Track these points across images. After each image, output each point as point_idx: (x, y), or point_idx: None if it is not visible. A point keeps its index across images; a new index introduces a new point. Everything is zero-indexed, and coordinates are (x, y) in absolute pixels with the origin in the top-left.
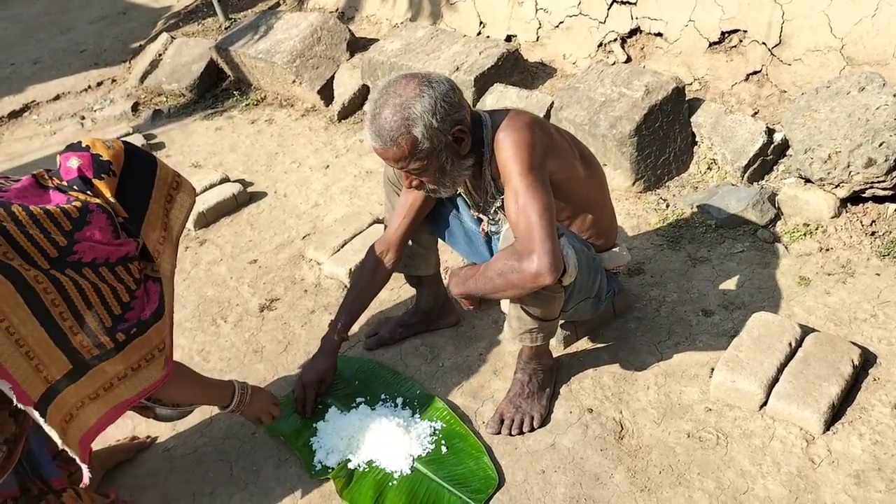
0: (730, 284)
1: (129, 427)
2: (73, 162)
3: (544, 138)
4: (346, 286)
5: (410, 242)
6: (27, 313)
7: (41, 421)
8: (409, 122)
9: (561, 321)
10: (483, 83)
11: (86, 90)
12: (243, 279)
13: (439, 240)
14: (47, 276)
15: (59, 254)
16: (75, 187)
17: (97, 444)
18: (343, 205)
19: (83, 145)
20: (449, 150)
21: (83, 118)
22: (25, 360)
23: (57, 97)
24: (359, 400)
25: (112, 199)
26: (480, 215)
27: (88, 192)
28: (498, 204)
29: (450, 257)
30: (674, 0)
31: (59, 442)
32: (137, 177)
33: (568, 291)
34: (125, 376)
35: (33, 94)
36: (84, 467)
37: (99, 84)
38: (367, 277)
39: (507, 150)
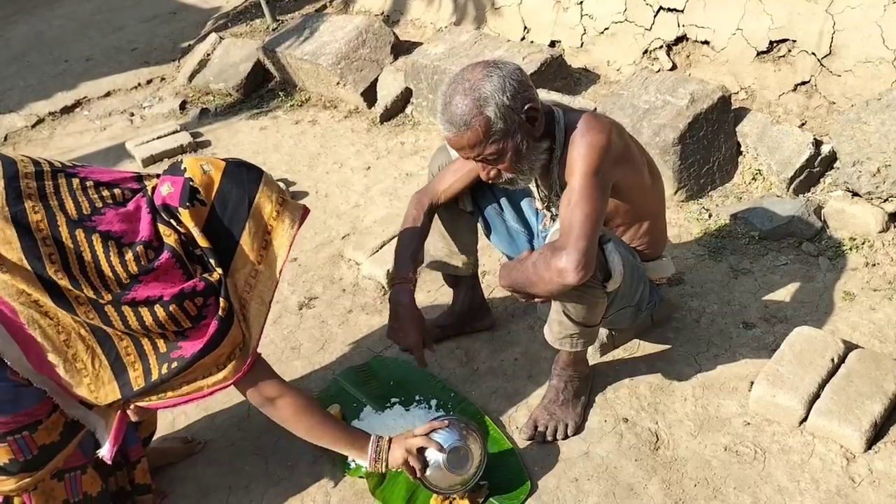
0: (772, 297)
1: (167, 420)
2: (165, 189)
3: (619, 143)
4: (383, 287)
5: (451, 242)
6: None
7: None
8: (481, 102)
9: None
10: None
11: (136, 88)
12: (283, 277)
13: (481, 240)
14: (99, 312)
15: (113, 297)
16: (163, 214)
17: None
18: (383, 206)
19: (181, 167)
20: (523, 131)
21: (132, 115)
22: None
23: (108, 94)
24: (393, 400)
25: (194, 230)
26: (545, 210)
27: (173, 221)
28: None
29: (488, 261)
30: (722, 8)
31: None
32: (229, 208)
33: (610, 298)
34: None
35: (85, 91)
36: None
37: (148, 82)
38: (422, 225)
39: (580, 149)
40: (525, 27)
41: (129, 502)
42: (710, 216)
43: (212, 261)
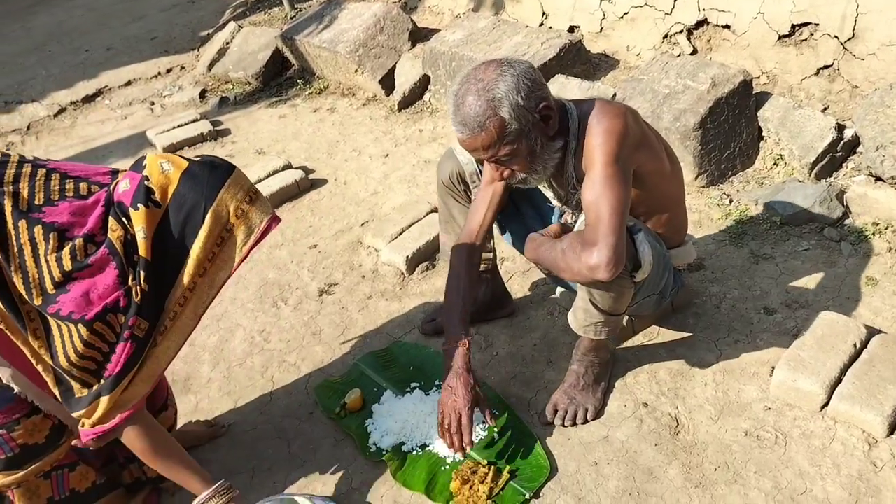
0: (794, 283)
1: (192, 403)
2: (123, 185)
3: (636, 128)
4: (402, 273)
5: None
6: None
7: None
8: (495, 103)
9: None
10: (545, 74)
11: (156, 76)
12: (303, 263)
13: (498, 237)
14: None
15: (44, 301)
16: (117, 210)
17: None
18: (401, 193)
19: (143, 164)
20: (537, 130)
21: (153, 104)
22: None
23: (128, 83)
24: (413, 385)
25: (139, 233)
26: (563, 207)
27: (125, 219)
28: (579, 196)
29: (506, 248)
30: None
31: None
32: (183, 212)
33: (637, 287)
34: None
35: (106, 80)
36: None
37: (168, 71)
38: (470, 280)
39: (598, 137)
40: (544, 13)
41: (148, 487)
42: (731, 202)
43: (142, 273)
